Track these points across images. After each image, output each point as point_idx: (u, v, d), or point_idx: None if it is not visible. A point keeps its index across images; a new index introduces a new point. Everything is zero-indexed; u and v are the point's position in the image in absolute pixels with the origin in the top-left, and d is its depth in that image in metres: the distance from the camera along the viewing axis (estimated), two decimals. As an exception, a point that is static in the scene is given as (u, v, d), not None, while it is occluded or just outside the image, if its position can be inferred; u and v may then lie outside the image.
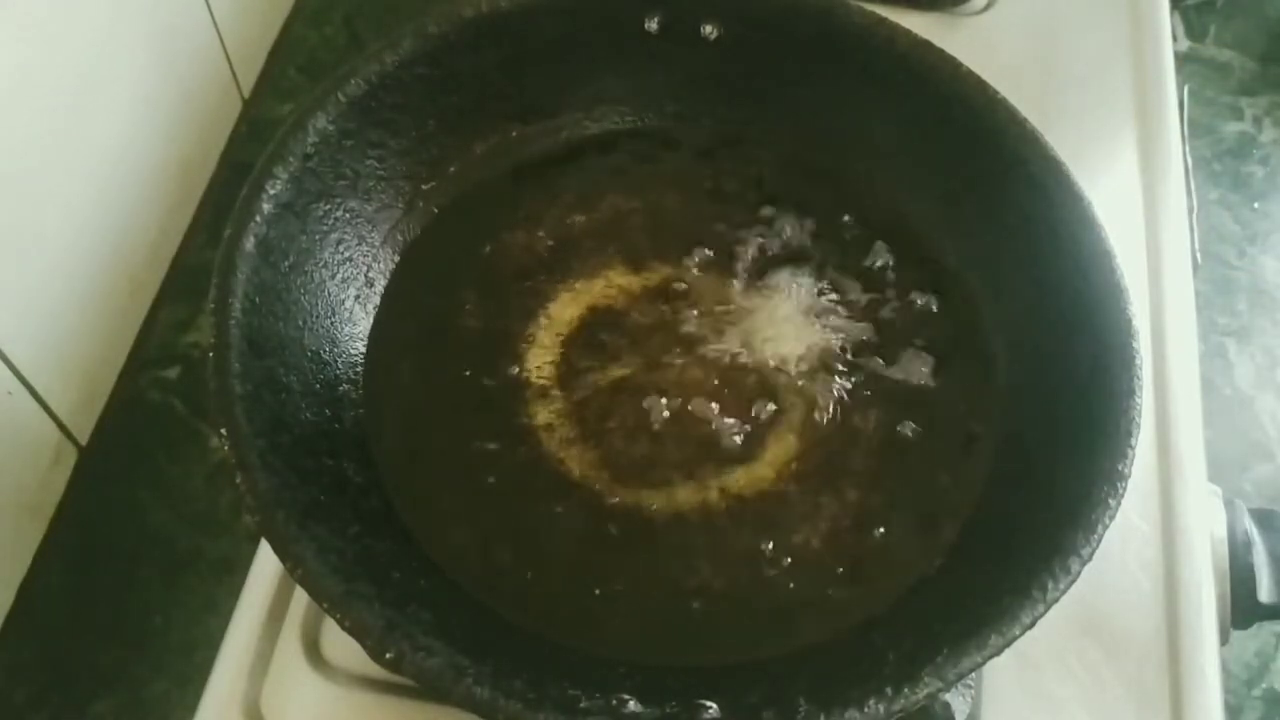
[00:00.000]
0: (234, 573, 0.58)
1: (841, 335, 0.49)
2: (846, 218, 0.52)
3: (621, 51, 0.52)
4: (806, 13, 0.50)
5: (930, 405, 0.47)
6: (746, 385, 0.48)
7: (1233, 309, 0.85)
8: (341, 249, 0.47)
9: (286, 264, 0.44)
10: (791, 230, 0.52)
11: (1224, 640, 0.49)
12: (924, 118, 0.50)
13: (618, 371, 0.48)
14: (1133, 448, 0.40)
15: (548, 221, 0.52)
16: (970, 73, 0.48)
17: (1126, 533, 0.50)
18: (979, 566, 0.42)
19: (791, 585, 0.43)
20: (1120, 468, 0.39)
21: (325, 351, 0.45)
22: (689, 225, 0.52)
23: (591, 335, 0.49)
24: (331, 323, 0.46)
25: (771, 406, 0.47)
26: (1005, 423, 0.46)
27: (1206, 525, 0.51)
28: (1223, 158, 0.92)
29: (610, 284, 0.50)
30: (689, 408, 0.47)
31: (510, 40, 0.50)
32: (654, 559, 0.43)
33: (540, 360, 0.48)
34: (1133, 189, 0.60)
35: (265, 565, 0.48)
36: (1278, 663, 0.73)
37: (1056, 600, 0.37)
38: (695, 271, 0.50)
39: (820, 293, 0.50)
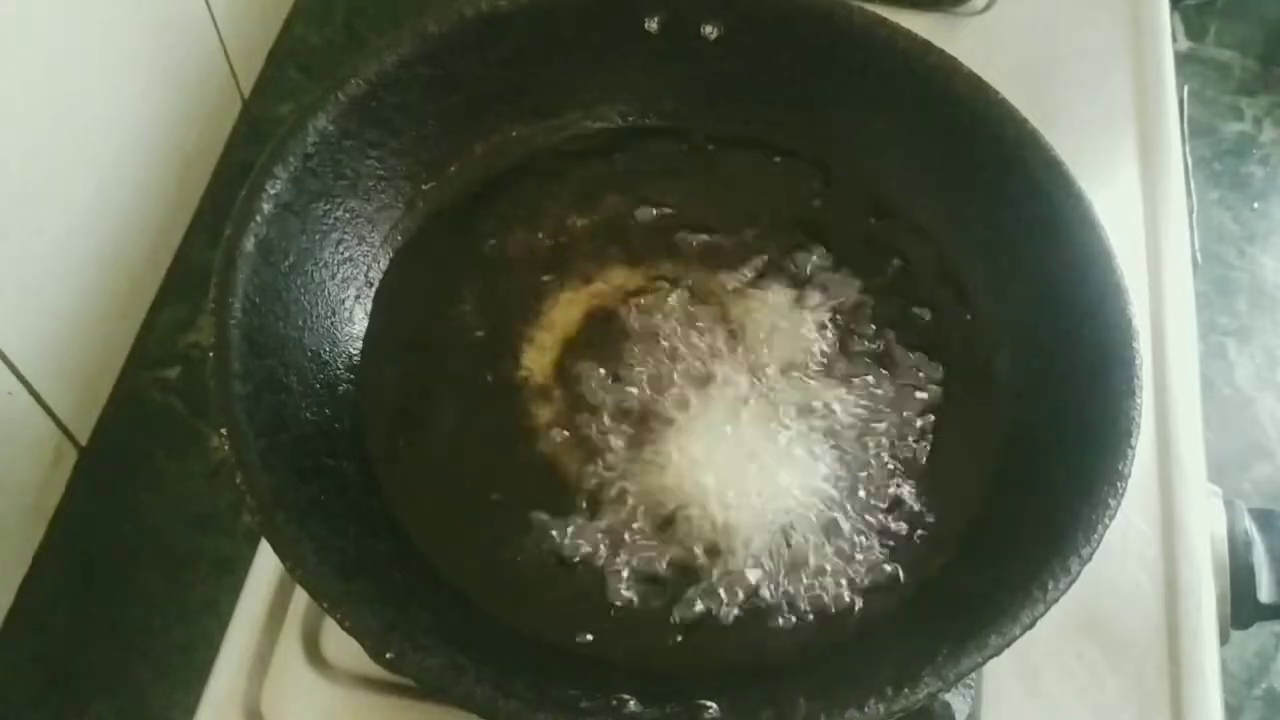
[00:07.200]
0: (234, 573, 0.57)
1: (841, 337, 0.49)
2: (845, 218, 0.52)
3: (622, 51, 0.52)
4: (807, 13, 0.50)
5: (931, 406, 0.47)
6: (747, 386, 0.48)
7: (1233, 309, 0.85)
8: (341, 249, 0.47)
9: (286, 264, 0.44)
10: (790, 230, 0.52)
11: (1224, 640, 0.49)
12: (924, 118, 0.50)
13: (618, 371, 0.48)
14: (1133, 448, 0.40)
15: (548, 221, 0.51)
16: (970, 73, 0.48)
17: (1126, 533, 0.50)
18: (979, 566, 0.42)
19: (793, 587, 0.43)
20: (1120, 468, 0.39)
21: (325, 351, 0.45)
22: (689, 225, 0.52)
23: (591, 335, 0.49)
24: (331, 323, 0.46)
25: (771, 407, 0.47)
26: (1006, 423, 0.46)
27: (1206, 525, 0.51)
28: (1223, 158, 0.92)
29: (610, 284, 0.50)
30: (689, 408, 0.47)
31: (510, 40, 0.50)
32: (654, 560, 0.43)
33: (540, 360, 0.48)
34: (1133, 189, 0.60)
35: (265, 565, 0.48)
36: (1278, 663, 0.73)
37: (1056, 600, 0.37)
38: (695, 272, 0.50)
39: (819, 294, 0.50)
